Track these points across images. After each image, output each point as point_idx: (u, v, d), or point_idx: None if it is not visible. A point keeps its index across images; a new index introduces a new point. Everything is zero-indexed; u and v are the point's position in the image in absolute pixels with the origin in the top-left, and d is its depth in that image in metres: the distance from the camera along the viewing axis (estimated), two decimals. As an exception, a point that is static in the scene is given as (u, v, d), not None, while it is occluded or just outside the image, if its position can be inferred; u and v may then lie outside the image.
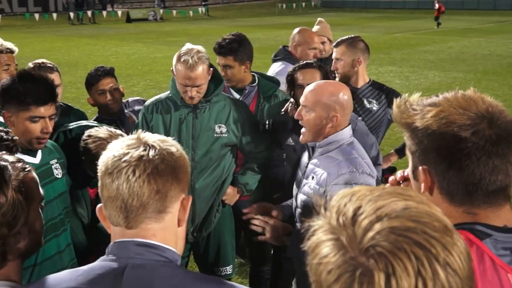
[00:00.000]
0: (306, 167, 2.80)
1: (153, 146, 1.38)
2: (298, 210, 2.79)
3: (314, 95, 2.69)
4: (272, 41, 20.03)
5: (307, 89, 2.75)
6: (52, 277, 1.40)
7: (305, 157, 2.90)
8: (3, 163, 1.47)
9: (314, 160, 2.74)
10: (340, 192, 0.95)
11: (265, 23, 31.44)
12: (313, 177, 2.69)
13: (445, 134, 1.29)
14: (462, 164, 1.28)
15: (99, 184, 1.40)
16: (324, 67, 3.53)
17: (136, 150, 1.36)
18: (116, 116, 3.82)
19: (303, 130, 2.76)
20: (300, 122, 2.77)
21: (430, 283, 0.81)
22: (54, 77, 3.51)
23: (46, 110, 2.63)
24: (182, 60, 3.28)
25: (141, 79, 13.83)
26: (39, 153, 2.75)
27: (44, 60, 3.81)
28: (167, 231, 1.40)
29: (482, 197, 1.31)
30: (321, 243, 0.89)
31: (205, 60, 3.31)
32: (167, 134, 3.35)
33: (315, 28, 5.08)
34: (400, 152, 4.14)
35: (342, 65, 3.91)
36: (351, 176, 2.54)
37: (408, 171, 1.47)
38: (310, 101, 2.69)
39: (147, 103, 3.63)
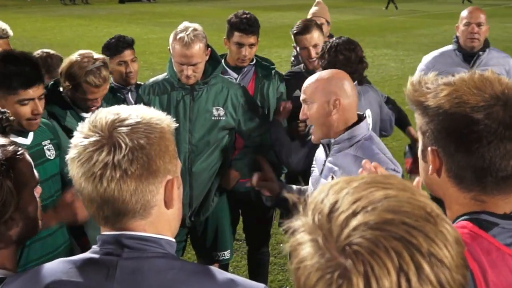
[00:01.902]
0: (324, 165, 2.63)
1: (119, 146, 1.22)
2: None
3: (310, 85, 2.58)
4: (266, 23, 19.88)
5: (304, 84, 2.64)
6: (44, 268, 1.33)
7: (321, 153, 2.72)
8: None
9: (332, 158, 2.57)
10: (319, 187, 0.89)
11: (259, 5, 31.20)
12: (332, 177, 2.52)
13: (457, 115, 1.24)
14: (472, 147, 1.23)
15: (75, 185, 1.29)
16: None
17: (99, 154, 1.22)
18: (130, 86, 3.87)
19: (312, 128, 2.63)
20: (307, 122, 2.66)
21: (413, 278, 0.75)
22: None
23: (34, 92, 2.58)
24: (178, 37, 3.23)
25: (135, 61, 13.67)
26: (31, 133, 2.71)
27: (52, 52, 3.86)
28: (157, 223, 1.31)
29: (492, 183, 1.25)
30: (300, 245, 0.83)
31: (202, 39, 3.25)
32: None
33: (313, 10, 5.00)
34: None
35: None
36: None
37: (418, 152, 1.42)
38: (308, 93, 2.57)
39: (143, 84, 3.60)
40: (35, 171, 1.53)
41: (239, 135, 3.61)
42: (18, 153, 1.46)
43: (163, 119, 1.32)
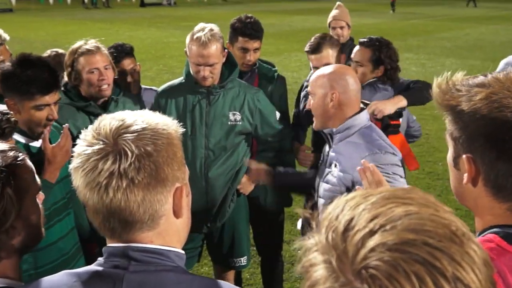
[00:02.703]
0: (327, 155, 2.74)
1: (125, 153, 1.16)
2: (321, 200, 2.70)
3: (314, 79, 2.70)
4: (287, 27, 19.86)
5: (311, 77, 2.74)
6: (47, 281, 1.27)
7: (326, 145, 2.83)
8: None
9: (334, 148, 2.68)
10: (334, 202, 0.81)
11: (279, 8, 31.17)
12: (336, 165, 2.63)
13: (497, 120, 1.14)
14: None
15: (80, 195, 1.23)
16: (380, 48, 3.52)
17: (104, 163, 1.15)
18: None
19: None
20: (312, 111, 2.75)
21: None
22: None
23: (50, 98, 2.57)
24: (195, 37, 3.17)
25: (154, 64, 13.76)
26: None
27: (61, 51, 3.77)
28: (165, 234, 1.24)
29: None
30: (312, 267, 0.75)
31: (219, 39, 3.19)
32: (179, 120, 3.22)
33: (334, 13, 4.95)
34: (409, 96, 3.49)
35: None
36: (375, 157, 2.46)
37: (448, 159, 1.33)
38: (311, 87, 2.71)
39: (161, 88, 3.52)
40: (36, 177, 1.47)
41: (256, 140, 3.55)
42: (19, 159, 1.40)
43: (170, 125, 1.26)
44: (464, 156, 1.22)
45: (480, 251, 0.73)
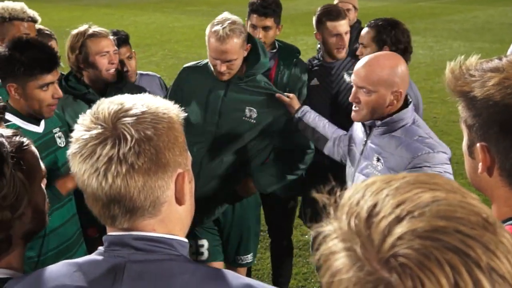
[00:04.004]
0: (365, 145, 2.59)
1: (124, 138, 1.12)
2: None
3: (371, 73, 2.45)
4: (292, 10, 19.69)
5: (360, 68, 2.50)
6: (47, 271, 1.24)
7: (359, 132, 2.69)
8: None
9: (375, 139, 2.53)
10: (352, 186, 0.77)
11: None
12: (378, 159, 2.49)
13: (510, 106, 1.10)
14: None
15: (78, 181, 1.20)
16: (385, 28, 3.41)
17: (103, 148, 1.12)
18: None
19: (355, 108, 2.53)
20: (355, 105, 2.55)
21: None
22: (53, 44, 3.46)
23: (53, 76, 2.59)
24: (213, 30, 2.98)
25: (160, 49, 13.69)
26: (42, 121, 2.71)
27: (42, 27, 3.71)
28: (168, 221, 1.21)
29: None
30: (332, 255, 0.71)
31: (240, 34, 2.97)
32: (194, 102, 3.17)
33: (340, -6, 4.88)
34: None
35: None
36: (428, 157, 2.35)
37: (463, 147, 1.29)
38: (368, 82, 2.45)
39: (186, 65, 3.42)
40: (41, 162, 1.45)
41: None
42: (25, 144, 1.39)
43: (171, 108, 1.22)
44: (478, 144, 1.18)
45: None
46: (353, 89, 2.53)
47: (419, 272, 0.64)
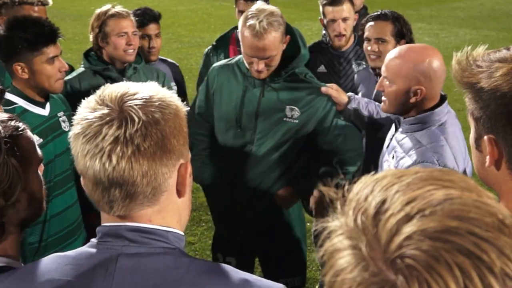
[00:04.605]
0: (391, 139, 2.52)
1: (131, 119, 1.10)
2: None
3: (394, 64, 2.35)
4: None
5: (388, 57, 2.41)
6: (38, 265, 1.21)
7: (392, 127, 2.61)
8: None
9: (399, 136, 2.44)
10: (362, 180, 0.73)
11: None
12: (393, 156, 2.41)
13: None
14: None
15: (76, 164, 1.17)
16: (400, 20, 3.27)
17: (109, 128, 1.09)
18: (150, 63, 3.72)
19: (383, 98, 2.46)
20: (382, 94, 2.48)
21: None
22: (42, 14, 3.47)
23: (57, 48, 2.61)
24: (248, 24, 2.65)
25: (163, 33, 13.42)
26: (48, 104, 2.69)
27: None
28: (165, 212, 1.18)
29: None
30: (337, 252, 0.68)
31: (278, 26, 2.66)
32: (228, 105, 2.92)
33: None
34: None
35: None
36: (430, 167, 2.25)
37: (470, 140, 1.25)
38: (390, 72, 2.36)
39: (215, 64, 3.09)
40: (38, 148, 1.42)
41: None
42: (20, 129, 1.35)
43: (176, 98, 1.20)
44: (485, 137, 1.15)
45: None
46: (380, 78, 2.47)
47: (427, 275, 0.60)
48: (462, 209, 0.64)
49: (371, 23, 3.28)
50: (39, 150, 1.43)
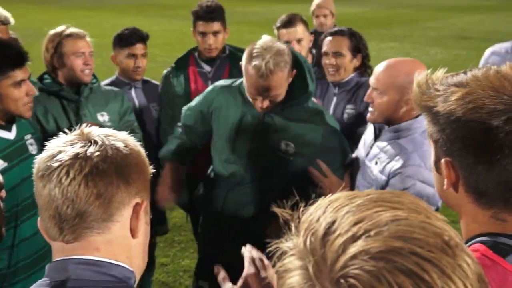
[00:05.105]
0: (371, 147, 2.57)
1: (95, 142, 1.15)
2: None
3: (386, 76, 2.43)
4: (271, 15, 19.72)
5: (378, 69, 2.48)
6: None
7: (369, 134, 2.66)
8: None
9: (381, 144, 2.50)
10: (317, 202, 0.75)
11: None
12: (376, 163, 2.47)
13: (472, 122, 1.07)
14: (492, 158, 1.07)
15: (34, 190, 1.19)
16: (356, 35, 3.40)
17: (72, 147, 1.13)
18: (134, 82, 3.75)
19: (371, 109, 2.53)
20: (370, 105, 2.54)
21: None
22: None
23: (25, 72, 2.55)
24: (253, 64, 2.55)
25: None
26: (14, 127, 2.65)
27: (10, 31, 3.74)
28: (115, 244, 1.15)
29: None
30: (287, 272, 0.69)
31: (285, 65, 2.58)
32: (224, 128, 2.86)
33: (318, 0, 4.92)
34: None
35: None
36: (416, 170, 2.30)
37: (431, 162, 1.27)
38: (382, 84, 2.44)
39: (217, 83, 3.05)
40: None
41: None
42: None
43: (139, 146, 1.24)
44: (443, 160, 1.16)
45: (474, 265, 0.67)
46: (369, 89, 2.53)
47: None
48: (406, 230, 0.66)
49: (329, 38, 3.42)
50: (0, 177, 1.41)
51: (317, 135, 2.74)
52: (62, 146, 1.15)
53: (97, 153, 1.13)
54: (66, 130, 1.22)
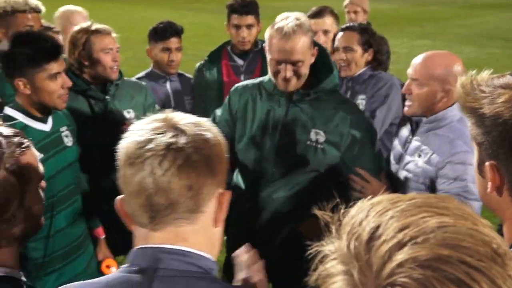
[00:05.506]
0: (409, 142, 2.61)
1: (184, 132, 1.15)
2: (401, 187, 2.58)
3: (426, 68, 2.49)
4: (302, 10, 19.61)
5: (416, 61, 2.54)
6: None
7: (405, 130, 2.70)
8: None
9: (420, 137, 2.56)
10: (358, 204, 0.73)
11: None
12: (420, 155, 2.52)
13: None
14: None
15: (119, 174, 1.18)
16: (367, 30, 3.45)
17: (163, 136, 1.13)
18: (169, 75, 3.79)
19: (408, 102, 2.56)
20: (406, 96, 2.58)
21: None
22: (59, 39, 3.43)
23: (60, 65, 2.55)
24: (276, 27, 2.59)
25: (167, 45, 13.64)
26: (50, 119, 2.66)
27: (47, 24, 3.76)
28: (201, 234, 1.18)
29: None
30: (330, 277, 0.67)
31: (306, 31, 2.58)
32: (251, 125, 2.80)
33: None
34: None
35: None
36: (465, 156, 2.33)
37: (473, 165, 1.24)
38: (422, 75, 2.49)
39: (237, 85, 2.97)
40: (40, 165, 1.42)
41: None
42: (24, 145, 1.35)
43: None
44: (487, 163, 1.13)
45: None
46: (407, 81, 2.56)
47: None
48: (454, 237, 0.63)
49: (340, 33, 3.49)
50: (41, 167, 1.43)
51: (345, 123, 2.68)
52: (152, 134, 1.14)
53: (189, 145, 1.13)
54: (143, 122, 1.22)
